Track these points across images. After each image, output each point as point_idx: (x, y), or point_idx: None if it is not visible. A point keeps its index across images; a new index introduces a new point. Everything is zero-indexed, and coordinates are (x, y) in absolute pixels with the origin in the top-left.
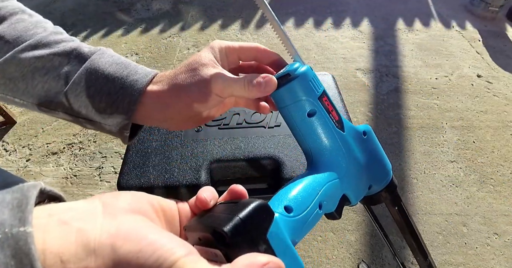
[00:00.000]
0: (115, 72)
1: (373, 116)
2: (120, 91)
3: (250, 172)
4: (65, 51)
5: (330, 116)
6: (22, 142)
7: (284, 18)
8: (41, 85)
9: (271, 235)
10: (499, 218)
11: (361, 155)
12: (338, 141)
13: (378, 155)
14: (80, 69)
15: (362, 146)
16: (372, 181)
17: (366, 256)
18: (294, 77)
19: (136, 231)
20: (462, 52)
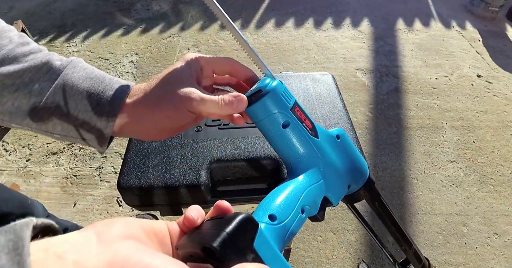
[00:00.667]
0: (89, 88)
1: (373, 116)
2: (96, 108)
3: (250, 172)
4: (36, 66)
5: (304, 125)
6: (22, 142)
7: (284, 18)
8: (11, 102)
9: (258, 244)
10: (499, 218)
11: (336, 158)
12: (313, 148)
13: (353, 156)
14: (52, 86)
15: (337, 149)
16: (350, 181)
17: (366, 256)
18: (265, 93)
19: (131, 257)
20: (462, 52)
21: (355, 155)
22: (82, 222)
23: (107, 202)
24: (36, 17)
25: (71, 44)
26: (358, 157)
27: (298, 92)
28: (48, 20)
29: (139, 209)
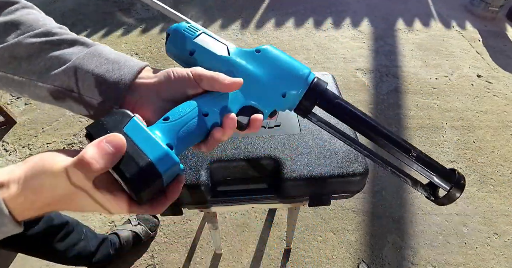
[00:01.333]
0: (115, 57)
1: (373, 116)
2: (118, 71)
3: (250, 172)
4: (72, 39)
5: (210, 48)
6: (22, 142)
7: (284, 18)
8: (44, 62)
9: (128, 129)
10: (499, 218)
11: (255, 68)
12: (224, 64)
13: (281, 64)
14: (85, 51)
15: (256, 61)
16: (283, 88)
17: (366, 256)
18: (168, 34)
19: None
20: (462, 52)
21: (283, 63)
22: (82, 222)
23: None
24: None
25: None
26: (289, 65)
27: None
28: None
29: None
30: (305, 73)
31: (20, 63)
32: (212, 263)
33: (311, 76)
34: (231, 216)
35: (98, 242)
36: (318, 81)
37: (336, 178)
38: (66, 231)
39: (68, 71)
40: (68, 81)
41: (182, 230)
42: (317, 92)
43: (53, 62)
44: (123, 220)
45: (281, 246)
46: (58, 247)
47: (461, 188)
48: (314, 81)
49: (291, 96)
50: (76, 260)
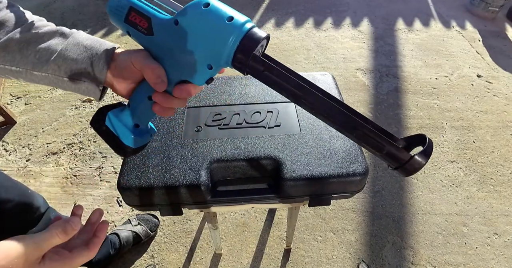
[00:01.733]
0: (91, 44)
1: (373, 116)
2: (96, 56)
3: (250, 172)
4: (52, 30)
5: (138, 28)
6: (22, 142)
7: (284, 18)
8: (34, 54)
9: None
10: (499, 218)
11: (178, 43)
12: (150, 44)
13: (201, 35)
14: (65, 42)
15: (177, 35)
16: (208, 61)
17: (366, 256)
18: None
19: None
20: (462, 52)
21: (203, 34)
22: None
23: (107, 202)
24: None
25: None
26: (211, 34)
27: None
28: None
29: (139, 209)
30: (231, 42)
31: (14, 56)
32: (212, 263)
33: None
34: (231, 216)
35: None
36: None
37: (336, 178)
38: None
39: (58, 61)
40: (59, 70)
41: (182, 230)
42: (244, 64)
43: (42, 53)
44: (123, 220)
45: (281, 246)
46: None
47: (412, 169)
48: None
49: (218, 66)
50: None
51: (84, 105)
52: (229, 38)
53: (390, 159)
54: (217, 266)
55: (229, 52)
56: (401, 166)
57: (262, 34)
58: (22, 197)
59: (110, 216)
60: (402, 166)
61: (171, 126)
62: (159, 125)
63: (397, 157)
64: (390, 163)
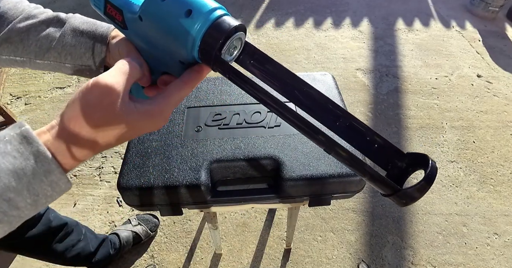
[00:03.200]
0: (87, 28)
1: (373, 116)
2: (93, 39)
3: (250, 172)
4: (49, 18)
5: (116, 21)
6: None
7: (284, 18)
8: (35, 43)
9: None
10: (499, 218)
11: (147, 38)
12: (129, 38)
13: (162, 32)
14: (62, 29)
15: (144, 31)
16: (176, 56)
17: (366, 256)
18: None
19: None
20: (462, 52)
21: (165, 29)
22: (82, 222)
23: (107, 202)
24: None
25: None
26: (172, 29)
27: None
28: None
29: (139, 209)
30: (194, 40)
31: (17, 46)
32: (212, 263)
33: (194, 43)
34: (231, 216)
35: (98, 242)
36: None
37: (336, 178)
38: (65, 232)
39: (57, 49)
40: (59, 56)
41: (182, 230)
42: (209, 62)
43: (42, 42)
44: (123, 220)
45: (281, 246)
46: (57, 248)
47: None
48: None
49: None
50: (76, 260)
51: None
52: (187, 35)
53: (377, 186)
54: (217, 266)
55: (190, 50)
56: (389, 195)
57: (232, 23)
58: None
59: (110, 216)
60: (391, 196)
61: (171, 126)
62: None
63: (384, 187)
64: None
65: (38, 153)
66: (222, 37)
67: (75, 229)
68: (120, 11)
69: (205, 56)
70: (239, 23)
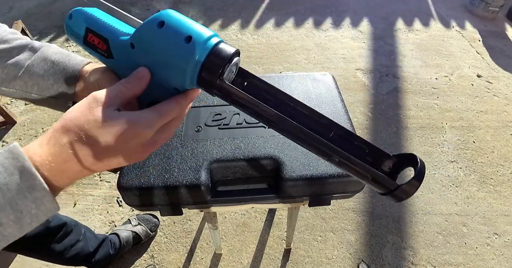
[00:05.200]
0: (59, 58)
1: (373, 116)
2: (63, 71)
3: (250, 172)
4: (21, 45)
5: (98, 50)
6: (22, 142)
7: (284, 18)
8: (1, 70)
9: None
10: (499, 218)
11: (137, 67)
12: (114, 68)
13: (159, 60)
14: (33, 57)
15: (135, 59)
16: (172, 84)
17: (366, 256)
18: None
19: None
20: (462, 52)
21: (163, 58)
22: (82, 222)
23: (107, 202)
24: (36, 17)
25: (71, 44)
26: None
27: (298, 92)
28: (48, 20)
29: (139, 209)
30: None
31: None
32: (212, 263)
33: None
34: (231, 216)
35: (98, 242)
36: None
37: (336, 178)
38: (64, 232)
39: (24, 78)
40: (25, 85)
41: (182, 230)
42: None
43: (10, 69)
44: (123, 220)
45: (281, 246)
46: (56, 248)
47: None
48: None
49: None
50: (75, 260)
51: None
52: (188, 61)
53: (376, 186)
54: (217, 266)
55: (191, 76)
56: (388, 193)
57: (230, 50)
58: None
59: (110, 216)
60: (389, 193)
61: None
62: None
63: (382, 186)
64: (377, 189)
65: (23, 169)
66: (223, 64)
67: (74, 229)
68: (104, 39)
69: (206, 82)
70: (236, 49)
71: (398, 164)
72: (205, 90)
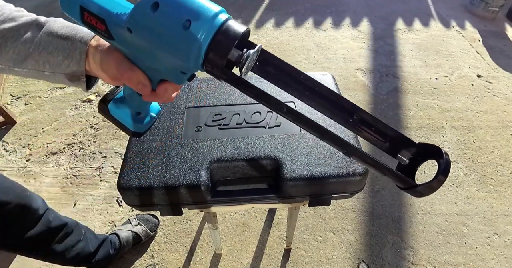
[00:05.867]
0: (66, 32)
1: None
2: (72, 46)
3: (250, 172)
4: (27, 22)
5: (98, 30)
6: (22, 142)
7: (284, 18)
8: (13, 50)
9: (111, 109)
10: (499, 218)
11: (140, 50)
12: (118, 47)
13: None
14: (39, 34)
15: (135, 43)
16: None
17: (366, 256)
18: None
19: None
20: (462, 52)
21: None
22: (82, 222)
23: (107, 202)
24: None
25: None
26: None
27: None
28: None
29: (139, 209)
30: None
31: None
32: (212, 263)
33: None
34: (231, 216)
35: (98, 242)
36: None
37: (336, 178)
38: (64, 232)
39: (35, 56)
40: (37, 64)
41: (182, 230)
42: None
43: (20, 49)
44: (123, 220)
45: (281, 246)
46: (57, 248)
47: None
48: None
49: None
50: (76, 261)
51: (84, 105)
52: (190, 47)
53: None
54: (217, 266)
55: (195, 62)
56: (408, 188)
57: (239, 29)
58: (20, 199)
59: (110, 216)
60: (409, 189)
61: (171, 126)
62: (159, 125)
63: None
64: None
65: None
66: (231, 45)
67: (75, 229)
68: (101, 20)
69: (212, 66)
70: (247, 28)
71: (420, 154)
72: (212, 75)
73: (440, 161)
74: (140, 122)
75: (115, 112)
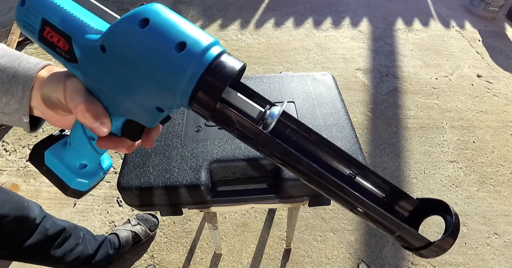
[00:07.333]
0: (6, 62)
1: (373, 116)
2: (12, 80)
3: (250, 172)
4: None
5: (58, 50)
6: (22, 142)
7: (284, 18)
8: None
9: (47, 159)
10: (499, 218)
11: (109, 78)
12: (78, 74)
13: (139, 70)
14: None
15: (106, 66)
16: (154, 102)
17: (366, 256)
18: None
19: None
20: (462, 52)
21: (145, 68)
22: (82, 222)
23: (107, 202)
24: None
25: None
26: (156, 68)
27: (298, 92)
28: None
29: (139, 209)
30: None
31: None
32: (212, 263)
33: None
34: (231, 216)
35: (97, 244)
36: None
37: None
38: (63, 237)
39: None
40: None
41: (182, 230)
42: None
43: None
44: (123, 220)
45: (281, 246)
46: (55, 254)
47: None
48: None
49: (171, 109)
50: (75, 263)
51: None
52: (179, 77)
53: (403, 242)
54: (217, 266)
55: (181, 97)
56: (416, 249)
57: (236, 65)
58: (18, 211)
59: (110, 216)
60: (417, 250)
61: (171, 126)
62: None
63: (410, 242)
64: (403, 244)
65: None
66: (226, 83)
67: (73, 233)
68: (66, 37)
69: (201, 105)
70: (243, 63)
71: (424, 209)
72: (199, 114)
73: (448, 219)
74: (84, 177)
75: (52, 161)
